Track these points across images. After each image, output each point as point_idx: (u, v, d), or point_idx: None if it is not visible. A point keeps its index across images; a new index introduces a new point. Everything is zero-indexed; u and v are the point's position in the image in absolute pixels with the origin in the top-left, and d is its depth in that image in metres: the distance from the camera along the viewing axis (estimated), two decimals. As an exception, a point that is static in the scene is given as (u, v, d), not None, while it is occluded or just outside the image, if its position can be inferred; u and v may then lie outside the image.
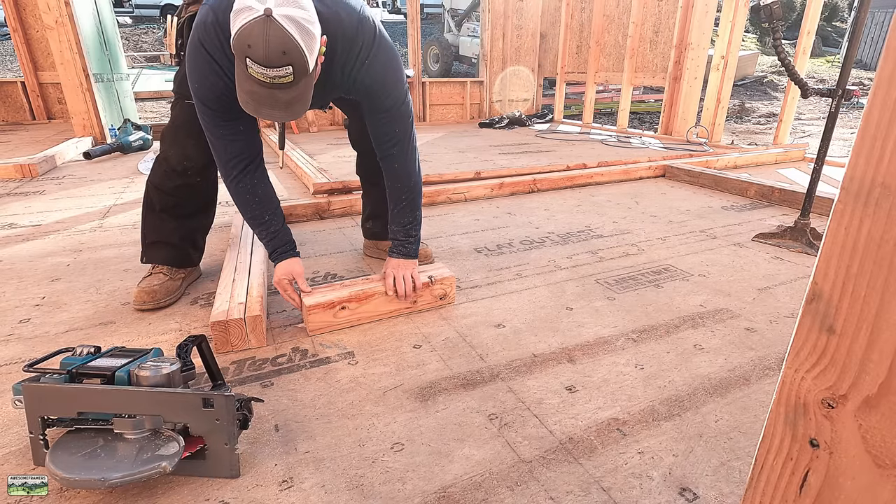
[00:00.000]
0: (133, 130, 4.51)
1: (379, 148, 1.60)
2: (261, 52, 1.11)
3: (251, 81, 1.18)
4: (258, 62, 1.13)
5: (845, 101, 2.07)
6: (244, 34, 1.11)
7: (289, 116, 1.27)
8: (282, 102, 1.22)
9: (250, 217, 1.55)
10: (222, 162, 1.49)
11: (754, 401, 1.25)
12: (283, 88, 1.19)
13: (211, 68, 1.34)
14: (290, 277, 1.56)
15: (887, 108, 0.41)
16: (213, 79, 1.35)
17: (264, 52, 1.11)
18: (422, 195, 1.68)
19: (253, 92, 1.20)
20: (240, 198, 1.53)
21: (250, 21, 1.09)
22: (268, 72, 1.14)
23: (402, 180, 1.62)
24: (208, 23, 1.30)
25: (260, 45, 1.11)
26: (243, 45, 1.12)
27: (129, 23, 15.54)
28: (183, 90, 1.63)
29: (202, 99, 1.39)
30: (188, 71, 1.38)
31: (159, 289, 1.68)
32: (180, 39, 1.64)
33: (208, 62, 1.33)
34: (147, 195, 1.76)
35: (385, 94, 1.49)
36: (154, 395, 0.95)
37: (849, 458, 0.49)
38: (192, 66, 1.36)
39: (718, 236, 2.42)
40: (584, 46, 6.10)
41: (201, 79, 1.36)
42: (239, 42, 1.13)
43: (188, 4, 1.61)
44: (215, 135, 1.45)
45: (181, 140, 1.67)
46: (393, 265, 1.65)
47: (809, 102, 9.76)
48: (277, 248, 1.57)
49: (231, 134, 1.45)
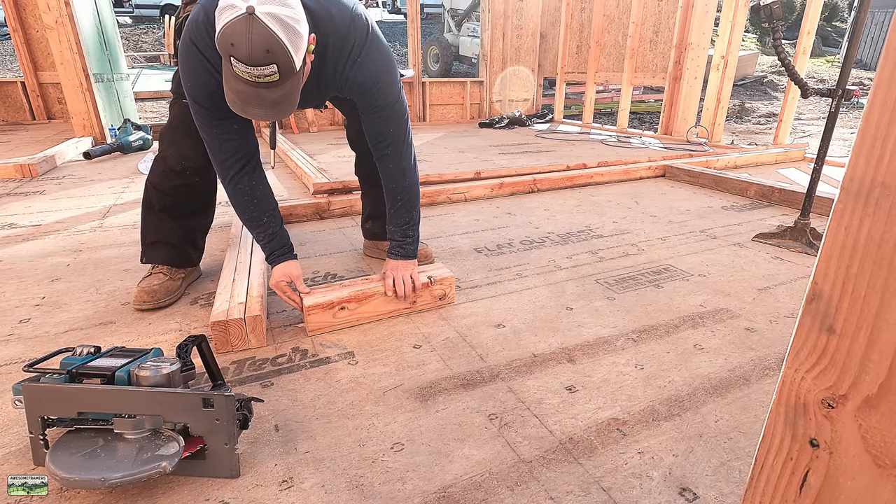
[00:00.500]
0: (133, 130, 4.51)
1: (374, 148, 1.60)
2: (244, 50, 1.10)
3: (237, 80, 1.18)
4: (242, 61, 1.12)
5: (845, 101, 2.07)
6: (227, 33, 1.10)
7: (276, 116, 1.26)
8: (268, 101, 1.21)
9: (248, 218, 1.55)
10: (218, 162, 1.49)
11: (754, 401, 1.25)
12: (270, 87, 1.18)
13: (203, 66, 1.33)
14: (288, 279, 1.56)
15: (887, 108, 0.41)
16: (206, 77, 1.34)
17: (248, 50, 1.10)
18: (419, 195, 1.68)
19: (240, 91, 1.20)
20: (237, 199, 1.52)
21: (233, 19, 1.08)
22: (252, 70, 1.13)
23: (397, 180, 1.61)
24: (199, 21, 1.31)
25: (243, 44, 1.10)
26: (227, 44, 1.11)
27: (129, 23, 15.53)
28: (180, 90, 1.63)
29: (195, 98, 1.39)
30: (181, 70, 1.39)
31: (159, 288, 1.68)
32: (178, 40, 1.64)
33: (200, 60, 1.33)
34: (146, 195, 1.76)
35: (378, 93, 1.48)
36: (154, 395, 0.95)
37: (849, 458, 0.49)
38: (184, 65, 1.37)
39: (718, 236, 2.42)
40: (584, 46, 6.10)
41: (193, 77, 1.36)
42: (223, 40, 1.12)
43: (186, 5, 1.61)
44: (210, 134, 1.44)
45: (179, 140, 1.67)
46: (392, 266, 1.65)
47: (809, 102, 9.76)
48: (275, 250, 1.57)
49: (225, 133, 1.44)
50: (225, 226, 2.46)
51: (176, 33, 1.64)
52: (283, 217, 2.59)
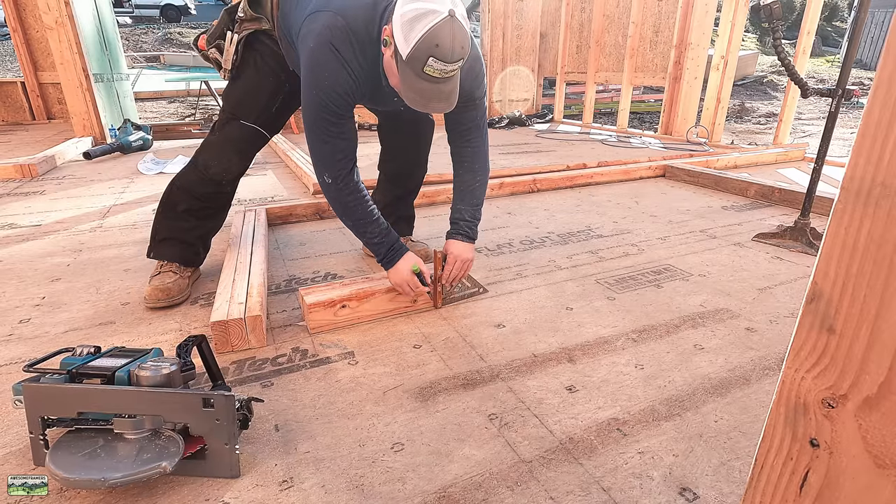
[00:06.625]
0: (133, 130, 4.50)
1: (459, 135, 1.67)
2: (448, 49, 1.22)
3: (421, 80, 1.27)
4: (443, 59, 1.23)
5: (845, 101, 2.07)
6: (432, 36, 1.21)
7: (450, 106, 1.37)
8: (444, 94, 1.32)
9: (359, 217, 1.53)
10: (329, 163, 1.47)
11: (754, 401, 1.25)
12: (447, 81, 1.30)
13: (343, 67, 1.38)
14: (418, 270, 1.58)
15: (887, 108, 0.41)
16: (344, 77, 1.38)
17: (451, 49, 1.23)
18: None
19: (422, 89, 1.29)
20: (346, 199, 1.50)
21: (438, 23, 1.21)
22: (447, 67, 1.25)
23: (480, 160, 1.70)
24: (338, 26, 1.35)
25: (447, 44, 1.22)
26: (430, 46, 1.21)
27: (129, 23, 15.53)
28: (239, 111, 1.69)
29: (327, 99, 1.39)
30: (314, 71, 1.38)
31: (173, 286, 1.69)
32: (236, 56, 1.65)
33: (339, 61, 1.37)
34: (170, 196, 1.77)
35: (479, 82, 1.58)
36: (154, 395, 0.95)
37: (849, 458, 0.49)
38: (319, 66, 1.37)
39: (718, 236, 2.42)
40: (584, 46, 6.10)
41: (332, 78, 1.38)
42: (426, 43, 1.21)
43: (244, 21, 1.62)
44: (329, 133, 1.44)
45: (228, 155, 1.72)
46: (459, 248, 1.66)
47: (809, 102, 9.76)
48: (394, 243, 1.57)
49: (343, 133, 1.46)
50: (225, 226, 2.46)
51: (236, 49, 1.64)
52: (283, 217, 2.61)
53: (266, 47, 1.66)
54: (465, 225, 1.67)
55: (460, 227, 1.68)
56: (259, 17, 1.61)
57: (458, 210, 1.70)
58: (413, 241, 2.21)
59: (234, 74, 1.68)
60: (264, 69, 1.67)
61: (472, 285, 1.81)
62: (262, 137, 1.75)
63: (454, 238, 1.67)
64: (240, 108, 1.70)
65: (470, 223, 1.68)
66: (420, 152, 2.06)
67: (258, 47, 1.66)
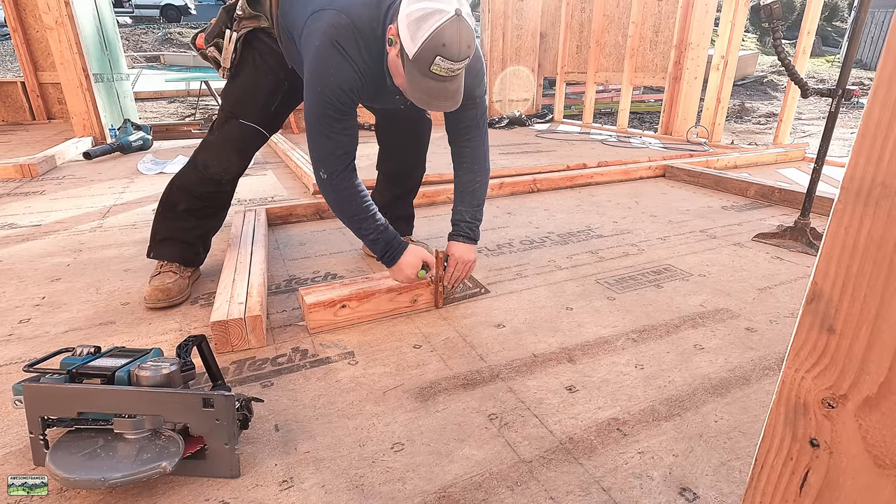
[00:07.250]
0: (133, 130, 4.50)
1: (459, 134, 1.67)
2: (455, 49, 1.23)
3: (428, 79, 1.28)
4: (450, 59, 1.24)
5: (845, 101, 2.07)
6: (438, 35, 1.21)
7: (455, 104, 1.38)
8: (450, 92, 1.32)
9: (354, 213, 1.52)
10: (330, 159, 1.47)
11: (754, 401, 1.25)
12: (454, 79, 1.30)
13: (349, 65, 1.38)
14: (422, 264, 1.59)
15: (887, 108, 0.41)
16: (350, 74, 1.39)
17: (457, 48, 1.24)
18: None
19: (429, 88, 1.30)
20: (343, 194, 1.50)
21: (444, 22, 1.21)
22: (453, 66, 1.26)
23: (481, 161, 1.70)
24: (343, 24, 1.36)
25: (454, 43, 1.23)
26: (437, 45, 1.22)
27: (129, 23, 15.54)
28: (239, 111, 1.69)
29: (330, 96, 1.39)
30: (318, 68, 1.38)
31: (173, 286, 1.69)
32: (235, 54, 1.64)
33: (344, 58, 1.37)
34: (170, 196, 1.77)
35: (481, 81, 1.58)
36: (154, 395, 0.95)
37: (849, 458, 0.49)
38: (325, 64, 1.38)
39: (718, 236, 2.42)
40: (584, 46, 6.10)
41: (336, 74, 1.38)
42: (433, 43, 1.22)
43: (242, 19, 1.61)
44: (333, 129, 1.44)
45: (228, 155, 1.71)
46: (462, 250, 1.65)
47: (809, 102, 9.76)
48: (392, 239, 1.56)
49: (345, 129, 1.46)
50: (225, 226, 2.46)
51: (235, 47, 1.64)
52: (283, 217, 2.61)
53: (265, 45, 1.65)
54: (467, 226, 1.67)
55: (461, 228, 1.67)
56: (258, 14, 1.60)
57: (459, 211, 1.70)
58: (413, 241, 2.21)
59: (232, 73, 1.68)
60: (263, 67, 1.67)
61: (473, 286, 1.81)
62: (262, 136, 1.75)
63: (456, 240, 1.67)
64: (239, 107, 1.70)
65: (471, 224, 1.68)
66: (419, 151, 2.06)
67: (257, 45, 1.65)
